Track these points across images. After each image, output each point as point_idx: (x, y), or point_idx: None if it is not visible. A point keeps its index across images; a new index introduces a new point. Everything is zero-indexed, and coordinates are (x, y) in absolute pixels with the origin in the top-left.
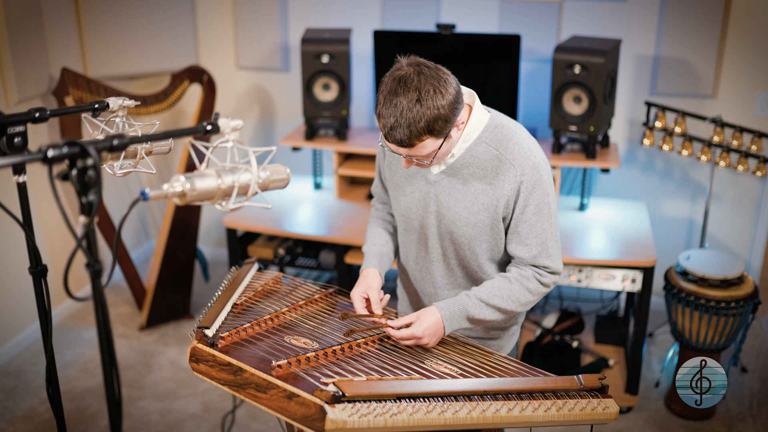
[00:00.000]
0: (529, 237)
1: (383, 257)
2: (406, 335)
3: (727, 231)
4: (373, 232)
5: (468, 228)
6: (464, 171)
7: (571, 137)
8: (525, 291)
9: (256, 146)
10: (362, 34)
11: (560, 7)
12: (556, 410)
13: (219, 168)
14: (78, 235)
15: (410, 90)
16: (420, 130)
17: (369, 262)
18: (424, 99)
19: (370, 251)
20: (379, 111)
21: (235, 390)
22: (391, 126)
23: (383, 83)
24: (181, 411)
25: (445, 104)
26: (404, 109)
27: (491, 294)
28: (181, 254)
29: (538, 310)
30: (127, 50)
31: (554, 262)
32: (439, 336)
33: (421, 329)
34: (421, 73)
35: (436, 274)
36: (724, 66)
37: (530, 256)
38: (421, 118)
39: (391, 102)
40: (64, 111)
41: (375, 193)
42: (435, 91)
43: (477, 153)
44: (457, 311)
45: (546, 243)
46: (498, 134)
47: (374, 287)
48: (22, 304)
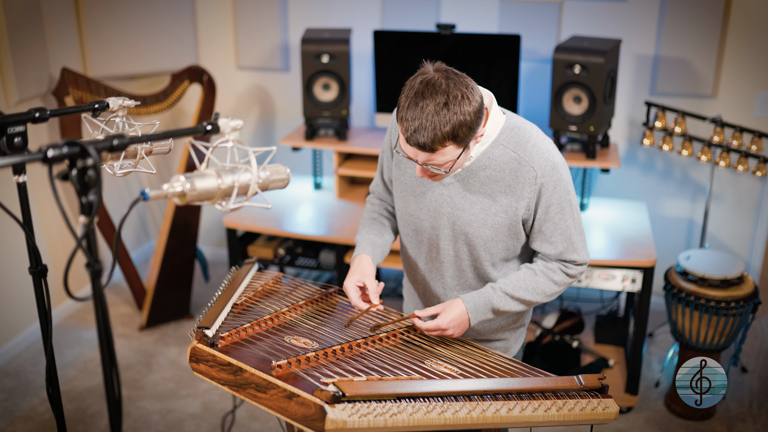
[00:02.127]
0: (554, 235)
1: (376, 247)
2: (431, 326)
3: (727, 231)
4: (365, 224)
5: (485, 229)
6: (480, 173)
7: (571, 137)
8: (551, 283)
9: (256, 146)
10: (362, 34)
11: (560, 7)
12: (556, 410)
13: (219, 168)
14: (78, 235)
15: (438, 94)
16: (444, 135)
17: (362, 248)
18: (452, 104)
19: (364, 240)
20: (402, 114)
21: (235, 390)
22: (415, 129)
23: (407, 87)
24: (181, 411)
25: (471, 111)
26: (431, 113)
27: (516, 287)
28: (181, 254)
29: (538, 310)
30: (127, 50)
31: (580, 255)
32: (464, 328)
33: (446, 321)
34: (450, 78)
35: (446, 275)
36: (724, 66)
37: (556, 253)
38: (447, 123)
39: (417, 105)
40: (64, 111)
41: (374, 191)
42: (463, 97)
43: (495, 155)
44: (482, 304)
45: (571, 238)
46: (515, 136)
47: (369, 274)
48: (22, 304)
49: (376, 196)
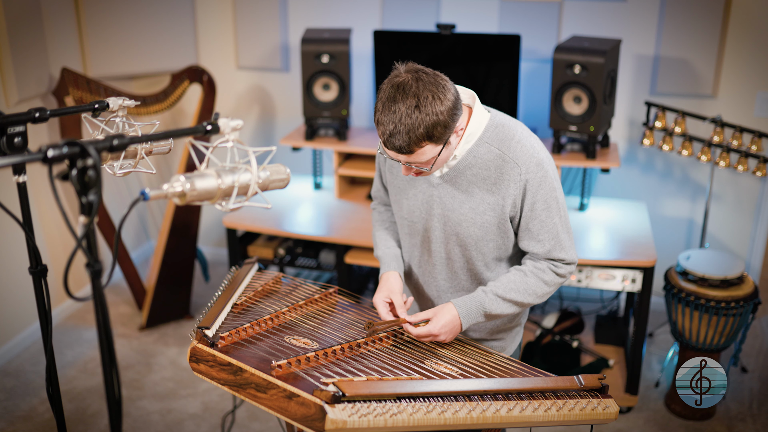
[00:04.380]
0: (540, 233)
1: (400, 259)
2: (423, 333)
3: (727, 231)
4: (382, 235)
5: (474, 228)
6: (467, 172)
7: (571, 137)
8: (541, 283)
9: (256, 146)
10: (362, 34)
11: (560, 7)
12: (556, 410)
13: (219, 168)
14: (78, 235)
15: (408, 96)
16: (419, 136)
17: (388, 265)
18: (422, 105)
19: (386, 255)
20: (378, 118)
21: (235, 390)
22: (390, 133)
23: (381, 90)
24: (181, 411)
25: (444, 110)
26: (403, 116)
27: (507, 288)
28: (181, 254)
29: (538, 310)
30: (127, 50)
31: (568, 254)
32: (455, 333)
33: (438, 327)
34: (420, 80)
35: (439, 278)
36: (724, 66)
37: (544, 251)
38: (420, 125)
39: (389, 109)
40: (64, 111)
41: (376, 197)
42: (434, 97)
43: (479, 154)
44: (474, 308)
45: (558, 236)
46: (499, 133)
47: (396, 291)
48: (22, 304)
49: (380, 202)
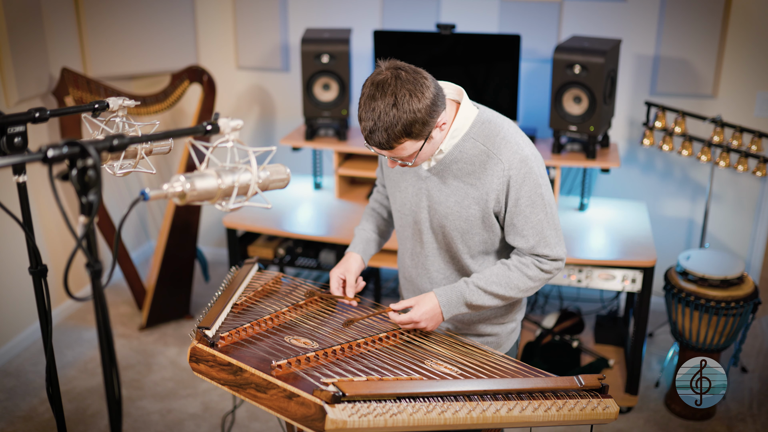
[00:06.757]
0: (525, 228)
1: (369, 243)
2: (405, 320)
3: (727, 231)
4: (363, 218)
5: (460, 222)
6: (453, 167)
7: (571, 137)
8: (524, 278)
9: (256, 146)
10: (362, 34)
11: (560, 7)
12: (556, 410)
13: (219, 168)
14: (78, 235)
15: (387, 94)
16: (397, 133)
17: (354, 246)
18: (399, 103)
19: (358, 235)
20: (359, 114)
21: (235, 390)
22: (370, 130)
23: (364, 87)
24: (181, 411)
25: (422, 108)
26: (381, 113)
27: (489, 281)
28: (181, 254)
29: (538, 310)
30: (127, 50)
31: (554, 251)
32: (437, 321)
33: (418, 314)
34: (399, 78)
35: (431, 269)
36: (724, 66)
37: (528, 247)
38: (397, 122)
39: (369, 106)
40: (64, 111)
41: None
42: (411, 95)
43: (465, 149)
44: (455, 298)
45: (543, 233)
46: (485, 129)
47: (352, 271)
48: (22, 304)
49: (380, 182)
